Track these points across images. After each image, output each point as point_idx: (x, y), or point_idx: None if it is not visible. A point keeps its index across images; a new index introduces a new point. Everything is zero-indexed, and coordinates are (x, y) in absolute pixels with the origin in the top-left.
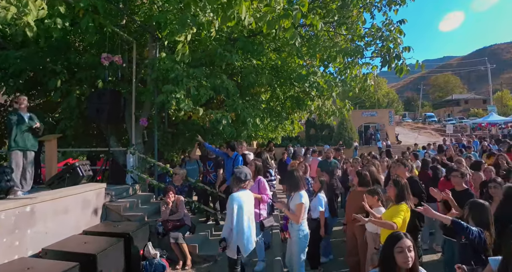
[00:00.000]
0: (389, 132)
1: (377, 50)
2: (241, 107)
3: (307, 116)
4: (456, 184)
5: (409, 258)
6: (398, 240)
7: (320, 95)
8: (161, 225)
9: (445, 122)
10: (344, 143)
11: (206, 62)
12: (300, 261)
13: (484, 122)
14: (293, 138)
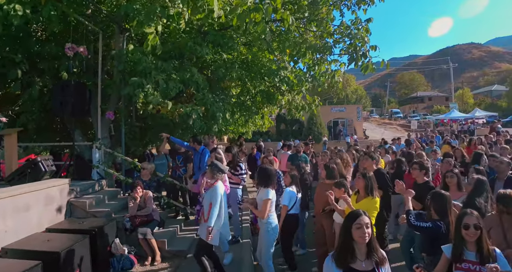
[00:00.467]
0: (357, 128)
1: (345, 48)
2: (211, 101)
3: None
4: (416, 176)
5: (366, 234)
6: (357, 217)
7: (290, 90)
8: (129, 221)
9: (410, 118)
10: (314, 138)
11: (175, 55)
12: (269, 254)
13: (446, 118)
14: (264, 133)
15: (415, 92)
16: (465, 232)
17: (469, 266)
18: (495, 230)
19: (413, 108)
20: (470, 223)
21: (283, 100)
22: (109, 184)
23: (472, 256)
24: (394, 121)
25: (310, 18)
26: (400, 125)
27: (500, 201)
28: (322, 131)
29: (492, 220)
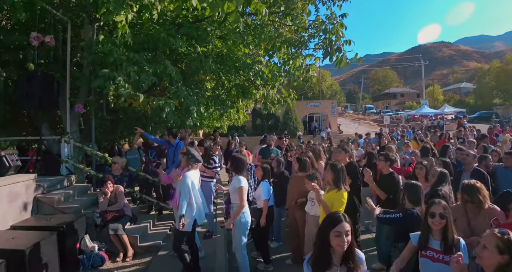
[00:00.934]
0: (332, 122)
1: (320, 42)
2: (185, 94)
3: (253, 105)
4: (382, 167)
5: (345, 242)
6: (337, 223)
7: (265, 84)
8: (99, 217)
9: (383, 114)
10: (289, 132)
11: (148, 47)
12: (242, 245)
13: (417, 114)
14: (240, 127)
15: (388, 89)
16: (431, 221)
17: (433, 255)
18: (460, 220)
19: (386, 104)
20: (436, 212)
21: (258, 94)
22: (79, 179)
23: (436, 244)
24: (368, 116)
25: (285, 12)
26: (373, 120)
27: (464, 191)
28: (298, 126)
29: (457, 210)
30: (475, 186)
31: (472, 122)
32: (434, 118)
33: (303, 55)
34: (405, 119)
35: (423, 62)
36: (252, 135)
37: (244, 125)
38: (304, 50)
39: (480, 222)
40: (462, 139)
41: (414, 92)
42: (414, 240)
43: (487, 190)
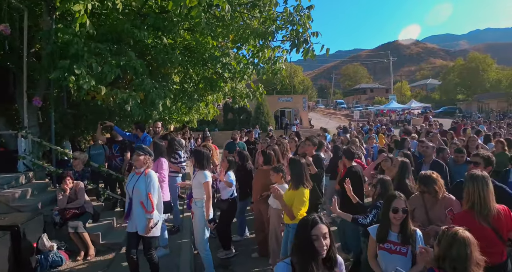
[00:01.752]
0: (303, 117)
1: (287, 34)
2: (150, 87)
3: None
4: (345, 162)
5: (324, 246)
6: (313, 226)
7: (233, 76)
8: (58, 214)
9: (353, 109)
10: (261, 127)
11: (112, 38)
12: (204, 238)
13: (385, 109)
14: (211, 122)
15: (358, 84)
16: (393, 216)
17: (390, 247)
18: (418, 210)
19: (356, 99)
20: (399, 207)
21: (226, 87)
22: (38, 176)
23: (394, 237)
24: (339, 111)
25: (253, 3)
26: (344, 115)
27: (421, 182)
28: (269, 121)
29: (415, 200)
30: (431, 177)
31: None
32: (402, 113)
33: (271, 47)
34: (374, 113)
35: (391, 58)
36: (223, 130)
37: (215, 120)
38: (272, 42)
39: (437, 211)
40: (432, 133)
41: (383, 87)
42: (373, 233)
43: (445, 181)
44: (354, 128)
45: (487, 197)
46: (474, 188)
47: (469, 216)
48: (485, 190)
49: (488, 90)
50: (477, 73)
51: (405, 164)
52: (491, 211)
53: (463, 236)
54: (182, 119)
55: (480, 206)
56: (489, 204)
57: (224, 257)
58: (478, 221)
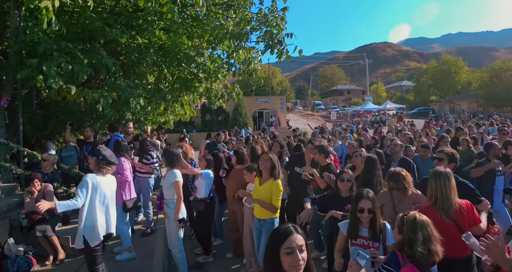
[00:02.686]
0: (281, 118)
1: (262, 35)
2: (123, 86)
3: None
4: (318, 160)
5: (300, 261)
6: (286, 237)
7: (208, 77)
8: (26, 218)
9: (331, 110)
10: (239, 128)
11: (84, 37)
12: (178, 239)
13: (361, 110)
14: (188, 123)
15: (335, 86)
16: (360, 215)
17: (363, 242)
18: (387, 206)
19: (334, 100)
20: (365, 207)
21: (201, 87)
22: (5, 178)
23: (365, 232)
24: (316, 112)
25: (228, 4)
26: (321, 116)
27: (390, 178)
28: (247, 122)
29: (384, 196)
30: (400, 174)
31: (412, 117)
32: (377, 114)
33: (246, 48)
34: (350, 114)
35: (367, 60)
36: (202, 131)
37: (193, 121)
38: (246, 43)
39: (405, 207)
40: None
41: (359, 89)
42: (343, 229)
43: (412, 177)
44: (331, 129)
45: (449, 193)
46: (437, 184)
47: (432, 211)
48: (447, 186)
49: (459, 91)
50: (449, 75)
51: (371, 158)
52: (453, 206)
53: (421, 219)
54: (158, 120)
55: (442, 201)
56: (451, 199)
57: (203, 261)
58: (440, 216)
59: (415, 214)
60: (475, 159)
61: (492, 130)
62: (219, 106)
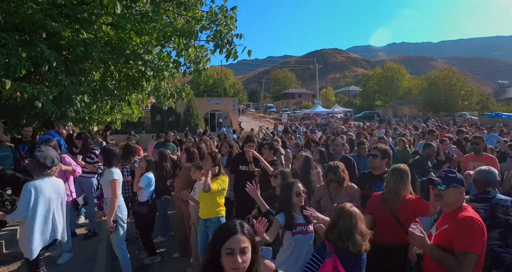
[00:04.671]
0: (233, 120)
1: (212, 34)
2: (66, 82)
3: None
4: (267, 156)
5: (239, 264)
6: (229, 236)
7: (156, 75)
8: None
9: (282, 112)
10: (190, 129)
11: (24, 28)
12: (119, 239)
13: (311, 113)
14: (138, 124)
15: (287, 89)
16: (298, 199)
17: (302, 228)
18: (324, 199)
19: (285, 103)
20: (300, 190)
21: (149, 86)
22: None
23: (301, 219)
24: (268, 115)
25: (179, 1)
26: (273, 119)
27: (330, 170)
28: (199, 123)
29: (322, 190)
30: (338, 166)
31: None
32: (326, 117)
33: (195, 46)
34: (300, 117)
35: (317, 65)
36: (151, 132)
37: (143, 122)
38: (196, 42)
39: (342, 199)
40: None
41: (310, 93)
42: (281, 220)
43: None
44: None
45: (399, 188)
46: (391, 179)
47: (378, 200)
48: (397, 182)
49: (402, 97)
50: (392, 82)
51: (308, 158)
52: (399, 201)
53: (349, 209)
54: (104, 120)
55: (389, 194)
56: (398, 194)
57: (149, 262)
58: (383, 206)
59: (346, 204)
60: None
61: None
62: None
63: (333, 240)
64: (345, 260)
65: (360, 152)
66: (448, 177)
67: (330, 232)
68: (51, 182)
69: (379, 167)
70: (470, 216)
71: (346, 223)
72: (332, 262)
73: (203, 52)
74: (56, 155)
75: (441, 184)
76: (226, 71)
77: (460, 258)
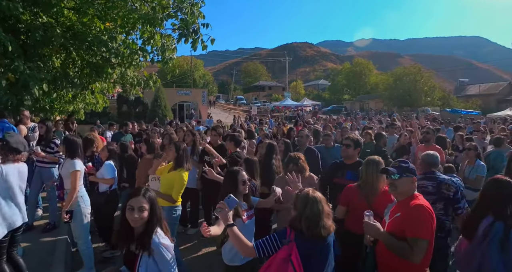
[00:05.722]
0: (202, 111)
1: (177, 23)
2: (22, 68)
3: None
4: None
5: (136, 217)
6: (132, 196)
7: (121, 62)
8: None
9: (252, 105)
10: (159, 120)
11: None
12: (82, 231)
13: (281, 105)
14: (103, 114)
15: (257, 81)
16: (243, 187)
17: (248, 214)
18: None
19: (256, 96)
20: (245, 179)
21: (114, 74)
22: None
23: (245, 205)
24: (238, 107)
25: None
26: (243, 111)
27: (291, 161)
28: (167, 114)
29: (282, 180)
30: (298, 157)
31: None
32: (295, 109)
33: (161, 34)
34: (270, 109)
35: (288, 58)
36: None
37: (108, 112)
38: (162, 30)
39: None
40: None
41: (280, 85)
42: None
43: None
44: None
45: (375, 180)
46: (367, 171)
47: (354, 189)
48: (373, 173)
49: (369, 92)
50: (360, 77)
51: (271, 145)
52: (375, 191)
53: (314, 195)
54: (66, 109)
55: (365, 184)
56: (375, 186)
57: (109, 256)
58: (358, 196)
59: (309, 190)
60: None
61: None
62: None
63: (303, 230)
64: (311, 247)
65: (325, 143)
66: (402, 167)
67: (298, 222)
68: (18, 167)
69: (352, 156)
70: (421, 204)
71: (313, 210)
72: (287, 251)
73: (169, 41)
74: (21, 141)
75: (395, 173)
76: (196, 61)
77: (411, 244)
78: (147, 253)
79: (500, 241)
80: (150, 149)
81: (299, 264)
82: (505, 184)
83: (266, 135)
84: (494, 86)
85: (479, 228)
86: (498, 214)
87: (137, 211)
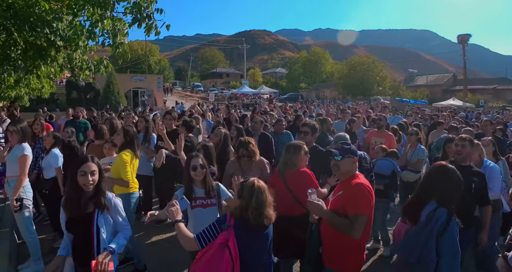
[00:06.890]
0: (158, 98)
1: (130, 6)
2: None
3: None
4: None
5: (90, 181)
6: (82, 163)
7: (67, 45)
8: None
9: (209, 92)
10: (111, 107)
11: None
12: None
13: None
14: (51, 101)
15: (215, 68)
16: (194, 173)
17: (202, 202)
18: (236, 173)
19: (213, 83)
20: (197, 164)
21: (59, 57)
22: None
23: (201, 192)
24: (196, 93)
25: None
26: (200, 98)
27: (241, 145)
28: (120, 100)
29: (233, 165)
30: (248, 140)
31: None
32: (253, 97)
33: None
34: (228, 97)
35: (246, 46)
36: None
37: (57, 99)
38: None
39: (253, 173)
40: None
41: (238, 73)
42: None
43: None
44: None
45: (292, 161)
46: (285, 154)
47: (276, 173)
48: (293, 156)
49: (324, 80)
50: (317, 66)
51: (225, 135)
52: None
53: (259, 185)
54: (8, 94)
55: (283, 166)
56: (292, 165)
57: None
58: (278, 178)
59: (254, 180)
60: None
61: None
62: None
63: (249, 219)
64: (251, 235)
65: (278, 129)
66: (344, 149)
67: (245, 212)
68: None
69: (309, 142)
70: (361, 183)
71: (258, 200)
72: (226, 236)
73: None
74: None
75: (338, 155)
76: (151, 46)
77: (352, 221)
78: (106, 209)
79: (441, 228)
80: (98, 135)
81: (235, 249)
82: (450, 171)
83: (218, 122)
84: (440, 77)
85: (421, 213)
86: (442, 200)
87: (90, 175)
